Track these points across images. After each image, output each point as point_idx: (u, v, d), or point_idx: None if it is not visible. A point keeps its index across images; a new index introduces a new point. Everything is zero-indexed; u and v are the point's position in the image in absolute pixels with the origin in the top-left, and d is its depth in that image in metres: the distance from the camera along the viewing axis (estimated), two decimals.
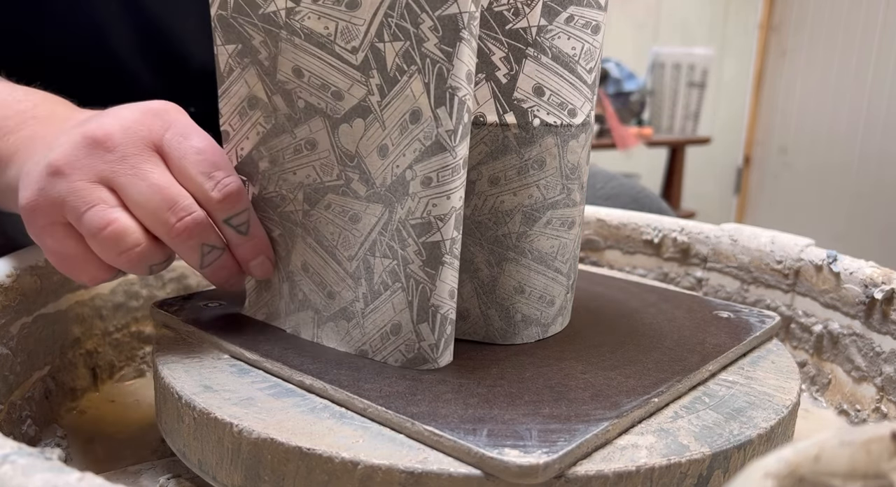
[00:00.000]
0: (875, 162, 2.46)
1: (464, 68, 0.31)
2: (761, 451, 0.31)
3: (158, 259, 0.35)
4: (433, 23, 0.31)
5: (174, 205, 0.33)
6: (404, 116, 0.32)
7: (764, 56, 2.78)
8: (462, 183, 0.32)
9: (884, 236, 2.44)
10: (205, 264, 0.36)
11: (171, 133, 0.34)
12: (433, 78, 0.31)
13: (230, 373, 0.34)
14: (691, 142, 2.21)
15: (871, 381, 0.44)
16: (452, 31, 0.31)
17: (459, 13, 0.30)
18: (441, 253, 0.32)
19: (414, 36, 0.31)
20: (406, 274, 0.33)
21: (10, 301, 0.38)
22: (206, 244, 0.35)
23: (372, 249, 0.35)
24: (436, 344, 0.33)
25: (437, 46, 0.31)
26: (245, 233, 0.36)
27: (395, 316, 0.34)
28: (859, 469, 0.16)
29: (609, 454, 0.28)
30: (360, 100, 0.34)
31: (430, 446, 0.28)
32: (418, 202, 0.32)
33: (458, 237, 0.33)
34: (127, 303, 0.49)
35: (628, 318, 0.42)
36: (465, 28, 0.31)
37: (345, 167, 0.35)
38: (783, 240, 0.51)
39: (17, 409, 0.39)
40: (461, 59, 0.31)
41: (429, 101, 0.32)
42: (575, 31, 0.35)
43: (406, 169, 0.33)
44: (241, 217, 0.36)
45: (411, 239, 0.33)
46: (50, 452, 0.20)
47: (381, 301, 0.34)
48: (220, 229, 0.36)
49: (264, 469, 0.29)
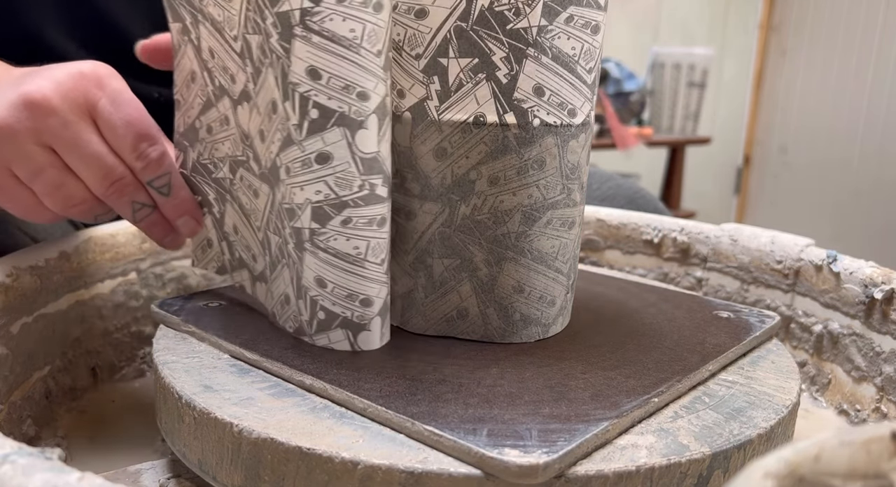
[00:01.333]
0: (875, 161, 2.46)
1: (302, 65, 0.32)
2: (761, 451, 0.31)
3: (101, 211, 0.40)
4: (273, 19, 0.32)
5: (109, 172, 0.38)
6: (268, 106, 0.34)
7: (764, 56, 2.78)
8: (320, 177, 0.33)
9: (884, 236, 2.44)
10: (137, 220, 0.41)
11: (105, 101, 0.38)
12: (279, 73, 0.33)
13: (230, 373, 0.34)
14: (691, 142, 2.21)
15: (871, 381, 0.44)
16: (287, 27, 0.32)
17: (291, 10, 0.32)
18: (303, 239, 0.34)
19: (264, 30, 0.33)
20: (286, 252, 0.36)
21: (11, 301, 0.38)
22: (136, 202, 0.40)
23: (268, 224, 0.38)
24: (309, 322, 0.36)
25: (278, 42, 0.32)
26: (167, 195, 0.40)
27: (285, 288, 0.37)
28: (859, 469, 0.16)
29: (609, 454, 0.28)
30: (244, 85, 0.36)
31: (430, 446, 0.28)
32: (285, 189, 0.34)
33: (324, 230, 0.34)
34: (127, 303, 0.49)
35: (628, 318, 0.42)
36: (298, 25, 0.32)
37: (244, 145, 0.38)
38: (783, 239, 0.51)
39: (18, 409, 0.39)
40: (298, 56, 0.32)
41: (279, 94, 0.33)
42: (575, 32, 0.35)
43: (276, 156, 0.35)
44: (161, 180, 0.40)
45: (286, 221, 0.35)
46: (50, 452, 0.20)
47: (278, 271, 0.38)
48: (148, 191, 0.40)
49: (264, 469, 0.29)
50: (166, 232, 0.42)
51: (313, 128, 0.33)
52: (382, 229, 0.35)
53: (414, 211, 0.37)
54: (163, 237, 0.42)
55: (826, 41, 2.58)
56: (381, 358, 0.35)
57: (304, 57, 0.32)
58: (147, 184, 0.39)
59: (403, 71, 0.35)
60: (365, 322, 0.36)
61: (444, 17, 0.34)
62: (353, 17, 0.32)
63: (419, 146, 0.36)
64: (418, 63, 0.35)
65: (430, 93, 0.35)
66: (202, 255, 0.44)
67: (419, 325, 0.38)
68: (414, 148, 0.36)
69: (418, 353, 0.36)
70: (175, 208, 0.41)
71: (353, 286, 0.35)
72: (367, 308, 0.35)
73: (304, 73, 0.33)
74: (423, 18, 0.34)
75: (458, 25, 0.34)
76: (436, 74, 0.35)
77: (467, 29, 0.34)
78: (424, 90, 0.35)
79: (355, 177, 0.34)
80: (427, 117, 0.35)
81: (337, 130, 0.33)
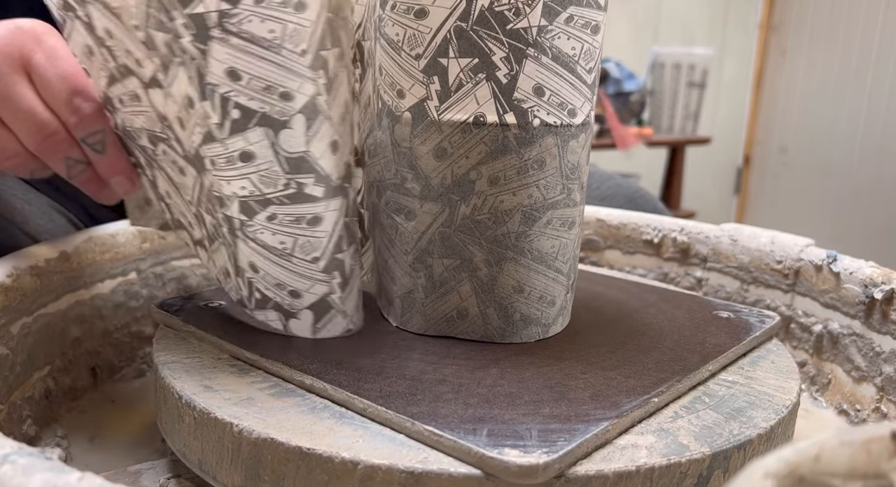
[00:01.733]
0: (875, 161, 2.46)
1: (221, 67, 0.32)
2: (761, 451, 0.31)
3: (35, 166, 0.40)
4: (185, 20, 0.32)
5: (42, 127, 0.38)
6: (185, 99, 0.34)
7: (764, 56, 2.78)
8: (244, 174, 0.34)
9: (883, 236, 2.44)
10: (72, 175, 0.40)
11: (40, 56, 0.38)
12: (195, 73, 0.33)
13: (230, 373, 0.34)
14: (691, 142, 2.21)
15: (870, 381, 0.44)
16: (203, 29, 0.32)
17: (207, 12, 0.32)
18: (234, 227, 0.35)
19: (171, 30, 0.33)
20: (221, 234, 0.36)
21: (11, 301, 0.38)
22: (69, 158, 0.39)
23: (199, 202, 0.38)
24: (248, 298, 0.37)
25: (192, 44, 0.32)
26: (101, 152, 0.40)
27: (224, 263, 0.37)
28: (859, 469, 0.16)
29: (609, 454, 0.28)
30: (153, 73, 0.36)
31: (430, 446, 0.28)
32: (212, 179, 0.35)
33: (251, 223, 0.34)
34: (127, 303, 0.49)
35: (628, 318, 0.42)
36: (216, 27, 0.32)
37: (163, 125, 0.37)
38: (783, 240, 0.51)
39: (18, 409, 0.39)
40: (217, 58, 0.32)
41: (196, 93, 0.33)
42: (575, 32, 0.35)
43: (198, 147, 0.35)
44: (95, 137, 0.39)
45: (217, 207, 0.35)
46: (50, 452, 0.20)
47: (216, 246, 0.38)
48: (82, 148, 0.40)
49: (264, 469, 0.29)
50: (101, 188, 0.42)
51: (235, 127, 0.33)
52: (315, 228, 0.35)
53: (414, 211, 0.37)
54: (98, 192, 0.42)
55: (826, 41, 2.58)
56: (381, 358, 0.35)
57: (223, 59, 0.32)
58: (81, 141, 0.39)
59: (403, 71, 0.35)
60: (294, 311, 0.36)
61: (444, 17, 0.34)
62: (272, 17, 0.32)
63: (419, 146, 0.36)
64: (418, 63, 0.35)
65: (430, 94, 0.35)
66: (140, 214, 0.44)
67: (419, 325, 0.38)
68: (414, 148, 0.36)
69: (418, 353, 0.36)
70: (109, 167, 0.40)
71: (281, 277, 0.36)
72: (295, 299, 0.36)
73: (223, 74, 0.33)
74: (423, 18, 0.34)
75: (458, 25, 0.34)
76: (436, 74, 0.35)
77: (467, 29, 0.34)
78: (424, 90, 0.35)
79: (280, 175, 0.34)
80: (427, 117, 0.35)
81: (259, 130, 0.33)
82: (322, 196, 0.35)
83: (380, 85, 0.37)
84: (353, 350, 0.36)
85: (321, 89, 0.34)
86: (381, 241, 0.39)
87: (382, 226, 0.39)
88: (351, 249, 0.37)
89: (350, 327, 0.38)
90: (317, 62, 0.33)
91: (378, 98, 0.37)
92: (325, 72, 0.34)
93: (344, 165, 0.36)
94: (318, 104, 0.34)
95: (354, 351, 0.36)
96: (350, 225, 0.37)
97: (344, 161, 0.36)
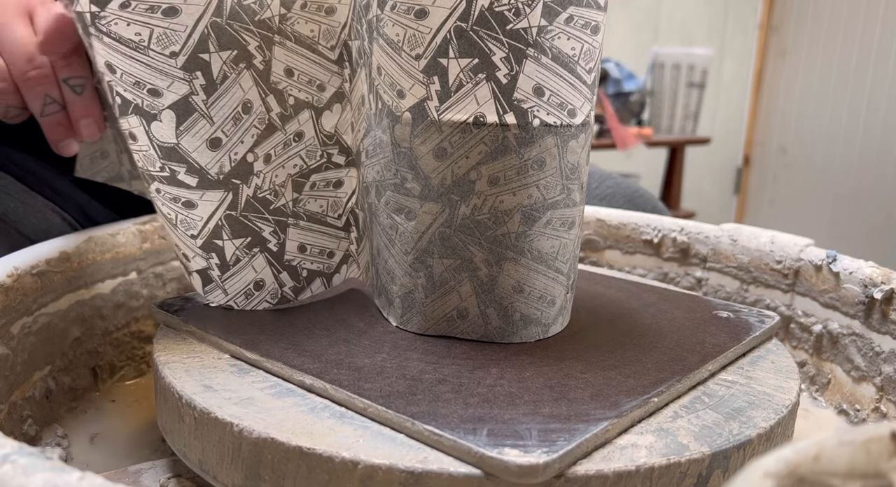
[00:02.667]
0: (875, 161, 2.46)
1: (101, 60, 0.37)
2: (761, 451, 0.31)
3: (14, 101, 0.43)
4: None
5: (31, 58, 0.42)
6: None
7: (764, 56, 2.78)
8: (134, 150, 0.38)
9: (883, 236, 2.44)
10: (44, 114, 0.43)
11: (42, 9, 0.42)
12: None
13: (230, 373, 0.34)
14: (691, 142, 2.21)
15: (870, 381, 0.44)
16: (83, 26, 0.37)
17: (83, 12, 0.36)
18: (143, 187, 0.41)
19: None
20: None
21: (11, 301, 0.38)
22: (48, 95, 0.43)
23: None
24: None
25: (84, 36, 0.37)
26: (80, 94, 0.43)
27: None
28: (859, 468, 0.16)
29: (609, 453, 0.28)
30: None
31: (430, 446, 0.28)
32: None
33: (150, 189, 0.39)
34: (127, 303, 0.49)
35: (628, 318, 0.42)
36: (91, 26, 0.36)
37: None
38: (783, 239, 0.51)
39: (18, 409, 0.39)
40: (98, 52, 0.37)
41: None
42: (575, 32, 0.35)
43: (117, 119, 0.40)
44: (78, 80, 0.43)
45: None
46: (50, 452, 0.20)
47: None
48: (61, 89, 0.43)
49: (265, 469, 0.29)
50: (66, 134, 0.45)
51: (120, 111, 0.38)
52: (190, 210, 0.39)
53: (414, 211, 0.37)
54: (61, 139, 0.45)
55: (826, 41, 2.58)
56: (381, 358, 0.35)
57: (102, 53, 0.37)
58: (63, 81, 0.43)
59: (403, 71, 0.35)
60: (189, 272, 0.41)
61: (444, 17, 0.34)
62: (137, 22, 0.36)
63: (419, 146, 0.36)
64: (418, 63, 0.35)
65: (430, 94, 0.35)
66: (90, 164, 0.49)
67: (419, 325, 0.38)
68: (414, 148, 0.36)
69: (418, 353, 0.36)
70: (83, 108, 0.44)
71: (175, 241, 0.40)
72: (188, 262, 0.41)
73: (103, 66, 0.37)
74: (423, 18, 0.34)
75: (458, 25, 0.34)
76: (436, 74, 0.35)
77: (467, 29, 0.34)
78: (424, 90, 0.35)
79: (156, 159, 0.38)
80: (427, 117, 0.35)
81: (135, 117, 0.38)
82: (196, 186, 0.39)
83: (379, 85, 0.37)
84: (353, 350, 0.36)
85: (196, 89, 0.37)
86: (380, 241, 0.39)
87: (382, 225, 0.39)
88: (237, 241, 0.41)
89: (232, 305, 0.41)
90: (191, 64, 0.37)
91: (377, 98, 0.37)
92: (205, 73, 0.37)
93: (232, 162, 0.39)
94: (190, 102, 0.37)
95: (354, 351, 0.36)
96: (239, 219, 0.41)
97: (234, 158, 0.39)
